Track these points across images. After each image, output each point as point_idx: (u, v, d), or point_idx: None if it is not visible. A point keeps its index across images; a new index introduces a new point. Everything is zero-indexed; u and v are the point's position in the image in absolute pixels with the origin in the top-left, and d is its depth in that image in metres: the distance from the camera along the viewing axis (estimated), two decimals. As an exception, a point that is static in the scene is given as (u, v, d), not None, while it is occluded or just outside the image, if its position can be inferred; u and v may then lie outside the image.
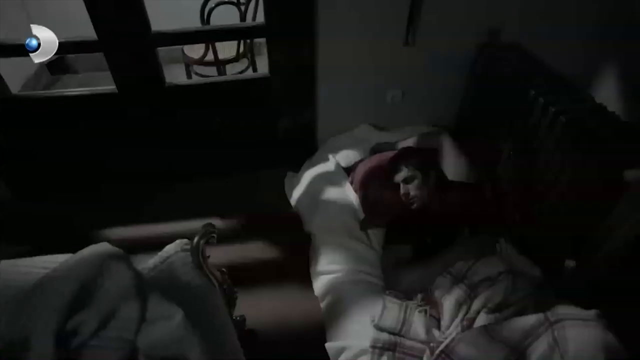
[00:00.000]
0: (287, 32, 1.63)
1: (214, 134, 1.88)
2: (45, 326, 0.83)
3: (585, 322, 0.91)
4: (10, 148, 1.78)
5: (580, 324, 0.91)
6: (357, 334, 1.28)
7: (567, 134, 1.27)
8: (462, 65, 1.78)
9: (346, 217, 1.63)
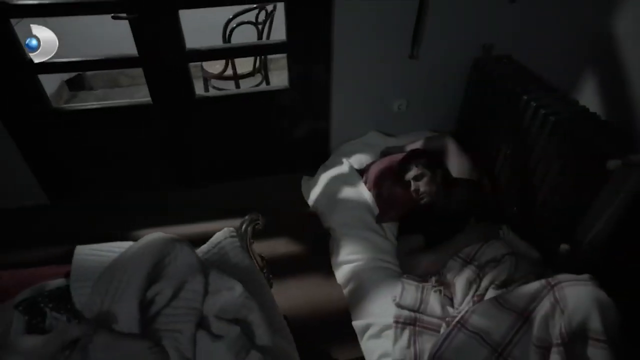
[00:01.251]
0: (306, 49, 1.83)
1: (237, 141, 2.06)
2: (131, 296, 0.98)
3: (580, 281, 1.08)
4: (49, 156, 1.93)
5: (576, 284, 1.08)
6: (380, 313, 1.44)
7: (557, 132, 1.47)
8: (461, 76, 1.99)
9: (362, 213, 1.80)
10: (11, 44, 1.58)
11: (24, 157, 1.88)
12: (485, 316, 1.26)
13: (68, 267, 1.17)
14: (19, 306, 0.99)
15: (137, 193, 2.07)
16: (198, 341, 0.97)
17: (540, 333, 1.13)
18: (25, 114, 1.77)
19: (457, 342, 1.24)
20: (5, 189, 1.96)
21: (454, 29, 1.85)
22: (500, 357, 1.20)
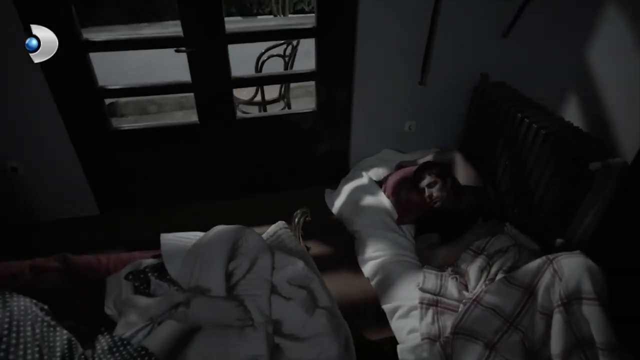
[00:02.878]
0: (331, 77, 2.15)
1: (269, 157, 2.34)
2: (217, 267, 1.22)
3: (574, 254, 1.35)
4: (105, 171, 2.18)
5: (570, 256, 1.34)
6: (406, 297, 1.67)
7: (547, 143, 1.77)
8: (463, 100, 2.31)
9: (383, 216, 2.06)
10: (87, 73, 1.88)
11: (84, 172, 2.14)
12: (496, 293, 1.50)
13: (152, 252, 1.42)
14: (128, 276, 1.23)
15: (180, 204, 2.32)
16: (273, 302, 1.21)
17: (544, 301, 1.38)
18: (90, 134, 2.04)
19: (474, 315, 1.47)
20: (65, 201, 2.20)
21: (456, 60, 2.19)
22: (511, 326, 1.44)
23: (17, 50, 1.74)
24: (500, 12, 2.06)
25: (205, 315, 1.13)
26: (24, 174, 2.07)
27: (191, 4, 1.79)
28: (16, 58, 1.75)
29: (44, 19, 1.67)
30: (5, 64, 1.78)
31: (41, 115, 1.94)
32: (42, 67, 1.80)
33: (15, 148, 2.01)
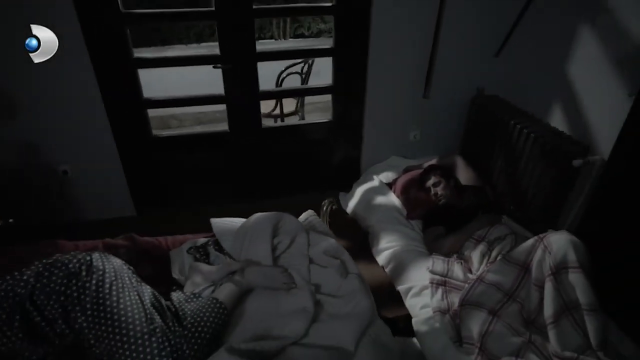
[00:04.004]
0: (346, 91, 2.44)
1: (289, 163, 2.60)
2: (264, 241, 1.47)
3: (560, 232, 1.60)
4: (144, 175, 2.43)
5: (557, 233, 1.59)
6: (418, 278, 1.90)
7: (536, 145, 2.05)
8: (462, 111, 2.60)
9: (394, 213, 2.31)
10: (135, 86, 2.15)
11: (125, 175, 2.38)
12: (497, 272, 1.74)
13: (202, 235, 1.67)
14: (190, 249, 1.47)
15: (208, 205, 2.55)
16: (311, 270, 1.44)
17: (537, 274, 1.62)
18: (133, 140, 2.30)
19: (478, 290, 1.70)
20: (106, 202, 2.44)
21: (455, 76, 2.49)
22: (510, 298, 1.67)
23: (79, 66, 2.03)
24: (492, 35, 2.38)
25: (257, 280, 1.36)
26: (72, 176, 2.32)
27: (228, 29, 2.09)
28: (80, 74, 2.03)
29: (105, 39, 1.96)
30: (69, 79, 2.05)
31: (93, 123, 2.20)
32: (99, 81, 2.08)
33: (67, 153, 2.26)
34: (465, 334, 1.61)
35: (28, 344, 1.07)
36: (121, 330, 1.03)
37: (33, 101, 2.07)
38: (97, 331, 1.04)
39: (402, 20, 2.27)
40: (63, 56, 1.96)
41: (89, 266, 1.11)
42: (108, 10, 1.92)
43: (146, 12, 2.02)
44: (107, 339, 1.03)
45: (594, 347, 1.47)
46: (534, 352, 1.53)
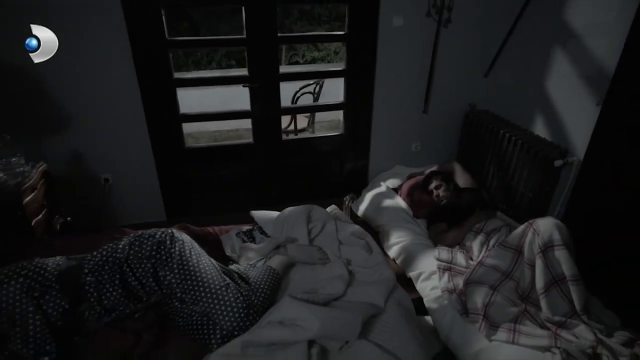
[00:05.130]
0: (355, 107, 2.77)
1: (305, 172, 2.90)
2: (302, 225, 1.75)
3: (547, 217, 1.90)
4: (176, 183, 2.70)
5: (544, 218, 1.89)
6: (427, 265, 2.17)
7: (523, 150, 2.38)
8: (457, 124, 2.96)
9: (401, 213, 2.60)
10: (173, 103, 2.46)
11: (159, 183, 2.66)
12: (495, 256, 2.02)
13: (243, 225, 1.94)
14: (238, 234, 1.74)
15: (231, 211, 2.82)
16: (341, 249, 1.72)
17: (529, 254, 1.91)
18: (169, 151, 2.58)
19: (479, 272, 1.98)
20: (139, 208, 2.69)
21: (451, 94, 2.85)
22: (507, 277, 1.95)
23: (127, 86, 2.33)
24: (481, 58, 2.76)
25: (297, 256, 1.63)
26: (113, 184, 2.58)
27: (256, 53, 2.43)
28: (128, 93, 2.33)
29: (151, 62, 2.28)
30: (118, 97, 2.35)
31: (134, 136, 2.49)
32: (143, 99, 2.38)
33: (110, 163, 2.53)
34: (470, 306, 1.87)
35: (124, 299, 1.33)
36: (204, 284, 1.29)
37: (83, 116, 2.36)
38: (183, 285, 1.30)
39: (403, 46, 2.64)
40: (114, 77, 2.30)
41: (172, 237, 1.38)
42: (156, 37, 2.25)
43: (187, 39, 2.36)
44: (192, 291, 1.29)
45: (578, 311, 1.75)
46: (529, 319, 1.80)
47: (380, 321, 1.39)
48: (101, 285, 1.31)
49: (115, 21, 2.16)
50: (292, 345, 1.17)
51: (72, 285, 1.28)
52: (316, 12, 8.19)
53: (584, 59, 2.12)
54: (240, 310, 1.25)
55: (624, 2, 1.84)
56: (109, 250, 1.36)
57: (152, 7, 2.18)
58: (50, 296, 1.23)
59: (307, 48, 8.27)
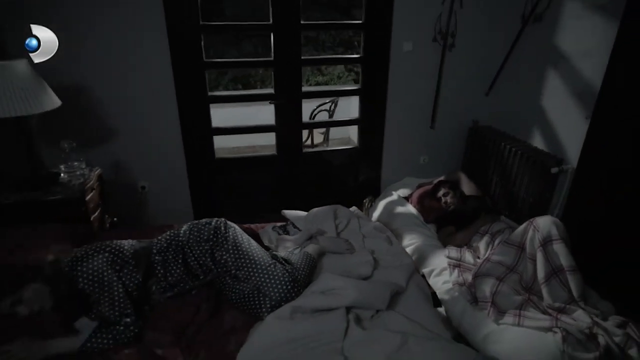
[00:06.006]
0: (369, 123, 3.05)
1: (323, 181, 3.15)
2: (330, 220, 1.99)
3: (545, 216, 2.14)
4: (205, 190, 2.95)
5: (543, 217, 2.13)
6: (438, 263, 2.39)
7: (522, 160, 2.64)
8: (462, 138, 3.23)
9: (413, 218, 2.83)
10: (207, 117, 2.74)
11: (190, 190, 2.90)
12: (500, 253, 2.24)
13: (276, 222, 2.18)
14: (274, 228, 1.98)
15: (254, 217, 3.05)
16: (365, 241, 1.95)
17: (530, 249, 2.13)
18: (201, 161, 2.84)
19: (486, 267, 2.20)
20: (170, 212, 2.92)
21: (456, 111, 3.14)
22: (511, 271, 2.17)
23: (167, 102, 2.61)
24: (482, 79, 3.06)
25: (327, 246, 1.87)
26: (149, 191, 2.83)
27: (282, 73, 2.73)
28: (167, 108, 2.61)
29: (189, 81, 2.57)
30: (157, 113, 2.63)
31: (171, 147, 2.75)
32: (180, 114, 2.66)
33: (146, 172, 2.79)
34: (479, 295, 2.09)
35: (185, 276, 1.56)
36: (255, 262, 1.53)
37: (125, 128, 2.63)
38: (238, 263, 1.53)
39: (412, 68, 2.94)
40: (156, 96, 2.58)
41: (226, 224, 1.63)
42: (194, 58, 2.55)
43: (222, 60, 2.65)
44: (245, 268, 1.52)
45: (576, 298, 1.96)
46: (532, 307, 2.01)
47: (403, 298, 1.61)
48: (167, 263, 1.54)
49: (161, 48, 2.47)
50: (333, 311, 1.39)
51: (144, 262, 1.51)
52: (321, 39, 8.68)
53: (573, 78, 2.41)
54: (287, 283, 1.48)
55: (605, 29, 2.14)
56: (172, 235, 1.60)
57: (193, 35, 2.49)
58: (127, 270, 1.46)
59: (312, 73, 8.70)
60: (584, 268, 2.02)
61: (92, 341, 1.29)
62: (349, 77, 8.88)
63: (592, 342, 1.76)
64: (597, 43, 2.20)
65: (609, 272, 2.24)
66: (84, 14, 2.29)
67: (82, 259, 1.39)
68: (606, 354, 1.72)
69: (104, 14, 2.32)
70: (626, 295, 2.08)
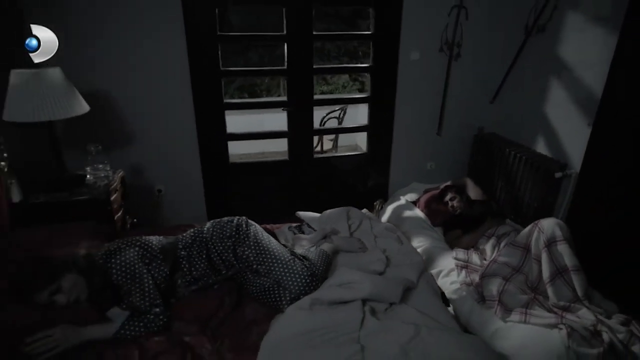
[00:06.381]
0: (377, 130, 3.16)
1: (333, 186, 3.24)
2: (343, 221, 2.08)
3: (549, 218, 2.22)
4: (218, 193, 3.05)
5: (547, 219, 2.21)
6: (446, 264, 2.46)
7: (527, 165, 2.73)
8: (468, 145, 3.32)
9: (420, 222, 2.91)
10: (222, 124, 2.85)
11: (204, 193, 3.00)
12: (506, 255, 2.32)
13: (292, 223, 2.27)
14: (290, 228, 2.07)
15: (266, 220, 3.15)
16: (377, 241, 2.04)
17: (535, 250, 2.21)
18: (215, 166, 2.95)
19: (493, 268, 2.28)
20: (184, 214, 3.02)
21: (461, 118, 3.24)
22: (517, 272, 2.25)
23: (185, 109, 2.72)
24: (487, 87, 3.16)
25: (341, 245, 1.95)
26: (165, 193, 2.93)
27: (295, 82, 2.84)
28: (184, 115, 2.73)
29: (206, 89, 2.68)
30: (174, 119, 2.75)
31: (187, 152, 2.86)
32: (196, 120, 2.77)
33: (163, 175, 2.89)
34: (487, 294, 2.16)
35: (209, 270, 1.65)
36: (276, 257, 1.62)
37: (144, 134, 2.74)
38: (259, 258, 1.62)
39: (420, 77, 3.05)
40: (173, 102, 2.69)
41: (247, 222, 1.72)
42: (212, 67, 2.66)
43: (238, 69, 2.77)
44: (266, 263, 1.61)
45: (580, 297, 2.04)
46: (538, 305, 2.08)
47: (415, 294, 1.69)
48: (191, 258, 1.64)
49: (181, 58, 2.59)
50: (349, 303, 1.48)
51: (171, 257, 1.60)
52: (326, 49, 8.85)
53: (575, 86, 2.51)
54: (306, 277, 1.57)
55: (605, 40, 2.25)
56: (196, 232, 1.70)
57: (211, 45, 2.61)
58: (156, 264, 1.56)
59: (317, 82, 8.87)
60: (587, 270, 2.09)
61: (125, 328, 1.38)
62: (353, 86, 9.03)
63: (597, 339, 1.83)
64: (598, 53, 2.30)
65: (612, 274, 2.31)
66: (110, 30, 2.43)
67: (115, 252, 1.49)
68: (610, 349, 1.79)
69: (127, 29, 2.46)
70: (628, 296, 2.15)
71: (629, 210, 2.26)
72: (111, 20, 2.42)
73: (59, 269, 1.40)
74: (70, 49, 2.27)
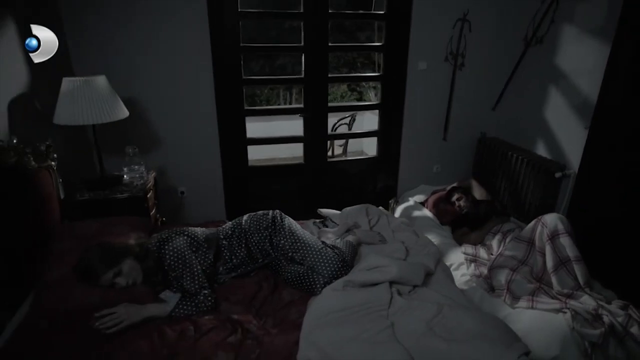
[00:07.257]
0: (387, 135, 3.35)
1: (345, 187, 3.42)
2: (363, 216, 2.25)
3: (551, 213, 2.41)
4: (237, 195, 3.21)
5: (550, 214, 2.39)
6: (455, 259, 2.63)
7: (529, 167, 2.93)
8: (471, 149, 3.52)
9: (429, 221, 3.09)
10: (242, 129, 3.03)
11: (224, 194, 3.16)
12: (511, 249, 2.49)
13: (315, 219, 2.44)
14: (314, 223, 2.23)
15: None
16: (395, 235, 2.21)
17: (539, 244, 2.38)
18: (235, 168, 3.12)
19: (500, 261, 2.45)
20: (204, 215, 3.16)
21: (465, 124, 3.44)
22: (523, 264, 2.43)
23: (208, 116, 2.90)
24: (490, 94, 3.37)
25: (363, 238, 2.12)
26: (187, 195, 3.09)
27: (311, 90, 3.03)
28: (207, 121, 2.90)
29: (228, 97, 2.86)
30: (198, 125, 2.92)
31: (209, 156, 3.03)
32: (219, 126, 2.95)
33: (186, 178, 3.06)
34: (496, 284, 2.33)
35: (247, 258, 1.81)
36: (309, 245, 1.78)
37: (169, 138, 2.91)
38: (294, 247, 1.79)
39: (426, 85, 3.25)
40: (198, 110, 2.87)
41: (281, 215, 1.89)
42: (234, 75, 2.85)
43: (259, 77, 2.96)
44: (301, 250, 1.78)
45: (582, 285, 2.21)
46: (543, 293, 2.26)
47: (433, 279, 1.86)
48: (232, 247, 1.80)
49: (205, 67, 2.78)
50: (378, 285, 1.65)
51: (214, 245, 1.77)
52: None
53: (572, 93, 2.73)
54: (337, 262, 1.74)
55: (600, 50, 2.46)
56: (235, 224, 1.86)
57: (234, 55, 2.80)
58: (201, 251, 1.72)
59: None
60: (586, 262, 2.27)
61: (179, 307, 1.53)
62: (351, 96, 9.27)
63: (598, 321, 2.00)
64: (592, 62, 2.52)
65: (610, 265, 2.49)
66: (148, 47, 2.65)
67: (167, 240, 1.65)
68: (610, 330, 1.96)
69: (162, 47, 2.66)
70: (625, 285, 2.33)
71: (624, 205, 2.45)
72: (153, 37, 2.64)
73: (120, 255, 1.56)
74: (106, 59, 2.47)
